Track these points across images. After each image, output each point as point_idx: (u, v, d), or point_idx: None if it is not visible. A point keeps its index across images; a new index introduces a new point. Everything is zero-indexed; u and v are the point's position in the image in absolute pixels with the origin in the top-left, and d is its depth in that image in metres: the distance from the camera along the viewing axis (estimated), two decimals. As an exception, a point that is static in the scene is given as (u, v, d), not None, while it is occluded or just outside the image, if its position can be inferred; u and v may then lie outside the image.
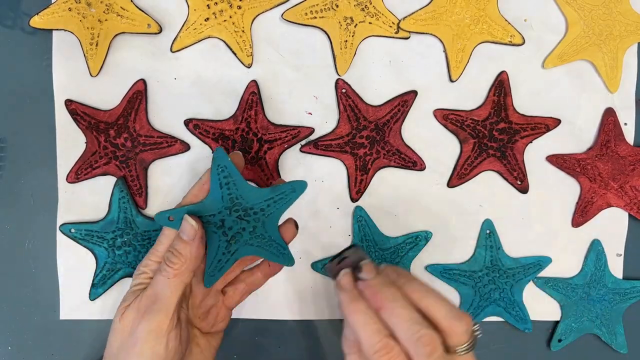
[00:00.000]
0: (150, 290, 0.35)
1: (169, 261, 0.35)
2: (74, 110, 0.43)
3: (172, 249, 0.36)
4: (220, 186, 0.35)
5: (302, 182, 0.37)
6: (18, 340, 0.45)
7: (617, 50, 0.46)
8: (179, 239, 0.35)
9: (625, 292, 0.48)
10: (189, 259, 0.35)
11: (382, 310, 0.32)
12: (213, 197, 0.36)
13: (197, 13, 0.43)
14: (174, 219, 0.36)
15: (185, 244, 0.35)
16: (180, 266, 0.35)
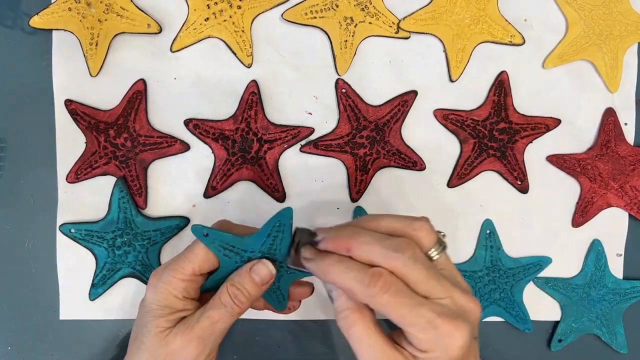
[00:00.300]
0: (207, 322, 0.34)
1: (237, 300, 0.35)
2: (73, 110, 0.43)
3: (240, 287, 0.35)
4: (268, 236, 0.35)
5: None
6: (18, 340, 0.45)
7: (618, 50, 0.46)
8: (250, 280, 0.35)
9: (625, 292, 0.48)
10: (252, 301, 0.35)
11: (351, 250, 0.31)
12: (256, 240, 0.35)
13: (197, 13, 0.43)
14: (209, 237, 0.35)
15: (256, 287, 0.35)
16: (245, 306, 0.35)
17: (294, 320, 0.47)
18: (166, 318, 0.35)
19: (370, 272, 0.30)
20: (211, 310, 0.35)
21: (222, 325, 0.35)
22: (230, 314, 0.35)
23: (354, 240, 0.32)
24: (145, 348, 0.35)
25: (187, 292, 0.35)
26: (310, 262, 0.33)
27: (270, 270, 0.35)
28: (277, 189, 0.45)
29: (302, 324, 0.47)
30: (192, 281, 0.35)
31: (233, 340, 0.46)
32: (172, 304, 0.35)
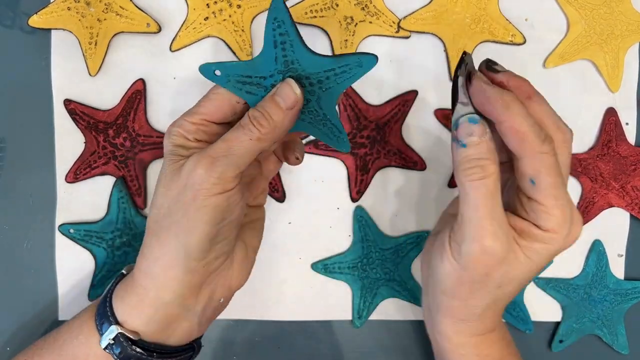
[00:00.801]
0: (223, 144, 0.30)
1: (256, 122, 0.30)
2: (72, 109, 0.43)
3: (262, 109, 0.31)
4: (275, 45, 0.30)
5: (372, 56, 0.30)
6: (17, 341, 0.45)
7: (619, 49, 0.46)
8: (273, 103, 0.31)
9: (626, 293, 0.47)
10: (279, 127, 0.31)
11: (532, 98, 0.31)
12: (265, 57, 0.30)
13: (197, 12, 0.43)
14: (220, 74, 0.31)
15: (280, 110, 0.31)
16: (268, 132, 0.30)
17: (294, 321, 0.47)
18: (179, 153, 0.32)
19: (546, 131, 0.30)
20: (228, 134, 0.31)
21: (239, 149, 0.30)
22: (249, 137, 0.30)
23: (536, 92, 0.31)
24: (159, 185, 0.32)
25: (199, 134, 0.32)
26: (490, 87, 0.30)
27: (294, 89, 0.31)
28: (276, 189, 0.45)
29: (302, 324, 0.47)
30: (203, 125, 0.32)
31: (233, 340, 0.46)
32: (185, 144, 0.32)
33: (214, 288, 0.34)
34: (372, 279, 0.46)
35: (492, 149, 0.30)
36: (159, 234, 0.32)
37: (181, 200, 0.31)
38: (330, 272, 0.46)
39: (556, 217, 0.30)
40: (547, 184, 0.29)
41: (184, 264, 0.31)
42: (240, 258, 0.36)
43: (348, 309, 0.47)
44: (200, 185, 0.30)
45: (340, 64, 0.31)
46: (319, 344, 0.47)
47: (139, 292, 0.33)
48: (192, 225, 0.31)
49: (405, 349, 0.47)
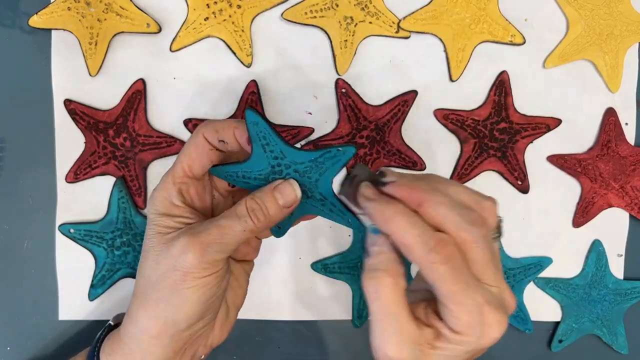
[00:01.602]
0: (216, 230, 0.32)
1: (254, 215, 0.32)
2: (73, 110, 0.43)
3: (261, 203, 0.32)
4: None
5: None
6: (17, 341, 0.45)
7: (618, 49, 0.46)
8: (274, 200, 0.32)
9: (626, 293, 0.48)
10: (271, 222, 0.32)
11: (424, 205, 0.29)
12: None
13: (197, 12, 0.43)
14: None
15: (278, 208, 0.32)
16: (262, 225, 0.32)
17: (293, 321, 0.47)
18: (166, 223, 0.33)
19: (437, 237, 0.28)
20: (222, 220, 0.32)
21: (231, 238, 0.32)
22: (242, 228, 0.32)
23: (429, 196, 0.29)
24: (148, 255, 0.33)
25: (183, 197, 0.34)
26: (371, 202, 0.30)
27: (296, 193, 0.32)
28: (276, 189, 0.45)
29: (302, 324, 0.47)
30: (185, 183, 0.33)
31: (233, 340, 0.46)
32: (170, 211, 0.33)
33: (196, 349, 0.36)
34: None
35: (392, 259, 0.30)
36: (146, 306, 0.33)
37: (169, 277, 0.32)
38: (330, 272, 0.46)
39: (462, 321, 0.28)
40: (444, 291, 0.28)
41: (170, 335, 0.33)
42: (222, 320, 0.37)
43: (348, 309, 0.47)
44: (190, 269, 0.31)
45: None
46: (319, 343, 0.47)
47: (125, 352, 0.34)
48: (181, 303, 0.32)
49: (405, 348, 0.47)
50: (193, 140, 0.34)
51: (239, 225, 0.32)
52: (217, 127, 0.33)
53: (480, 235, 0.29)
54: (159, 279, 0.32)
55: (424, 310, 0.30)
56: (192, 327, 0.33)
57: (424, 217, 0.29)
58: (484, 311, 0.28)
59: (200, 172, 0.34)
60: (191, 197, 0.34)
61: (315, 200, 0.34)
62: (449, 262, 0.28)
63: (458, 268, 0.28)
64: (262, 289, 0.46)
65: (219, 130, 0.33)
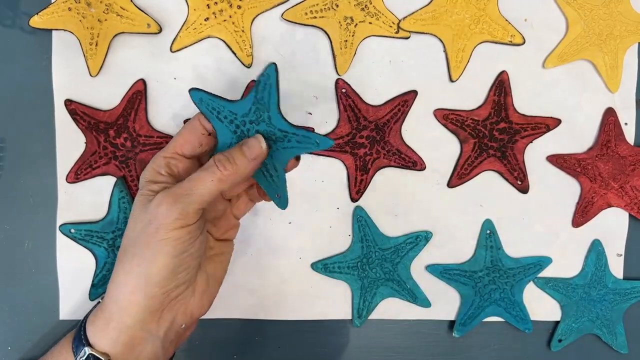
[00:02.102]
0: (187, 183, 0.34)
1: (220, 164, 0.34)
2: (73, 110, 0.43)
3: (228, 154, 0.34)
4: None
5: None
6: (18, 341, 0.45)
7: (618, 50, 0.46)
8: (240, 151, 0.35)
9: (625, 293, 0.48)
10: (240, 173, 0.34)
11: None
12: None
13: (197, 13, 0.43)
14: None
15: (244, 159, 0.34)
16: (229, 175, 0.34)
17: (293, 321, 0.47)
18: (151, 188, 0.35)
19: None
20: (193, 174, 0.34)
21: (201, 189, 0.34)
22: (211, 178, 0.34)
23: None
24: (131, 217, 0.36)
25: (170, 168, 0.36)
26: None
27: (261, 144, 0.35)
28: (277, 189, 0.45)
29: (301, 324, 0.47)
30: (174, 158, 0.36)
31: (233, 340, 0.46)
32: (155, 178, 0.36)
33: (174, 314, 0.36)
34: (372, 278, 0.46)
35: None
36: (124, 262, 0.35)
37: (145, 232, 0.34)
38: (330, 272, 0.46)
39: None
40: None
41: (144, 290, 0.34)
42: (202, 288, 0.38)
43: (348, 308, 0.47)
44: (163, 220, 0.33)
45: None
46: (319, 343, 0.47)
47: (105, 316, 0.35)
48: (154, 255, 0.34)
49: (405, 348, 0.48)
50: (189, 123, 0.37)
51: (207, 175, 0.34)
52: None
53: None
54: (137, 235, 0.34)
55: None
56: (165, 285, 0.34)
57: None
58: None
59: (189, 151, 0.36)
60: (178, 171, 0.36)
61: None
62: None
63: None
64: (263, 289, 0.46)
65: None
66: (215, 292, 0.40)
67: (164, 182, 0.36)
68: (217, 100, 0.35)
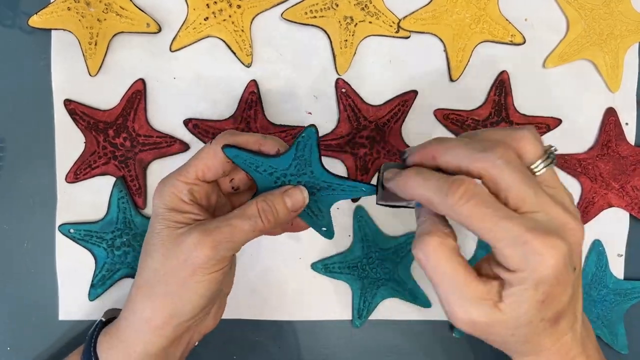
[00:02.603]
0: (227, 229, 0.32)
1: (264, 216, 0.33)
2: (72, 110, 0.43)
3: (272, 205, 0.33)
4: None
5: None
6: (17, 341, 0.45)
7: (618, 49, 0.46)
8: (282, 201, 0.33)
9: (626, 293, 0.47)
10: (280, 224, 0.34)
11: (437, 157, 0.29)
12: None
13: (197, 12, 0.43)
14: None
15: (286, 210, 0.33)
16: (270, 226, 0.33)
17: (294, 321, 0.47)
18: (176, 218, 0.33)
19: (451, 180, 0.27)
20: (234, 219, 0.33)
21: (241, 237, 0.32)
22: (252, 228, 0.32)
23: (440, 146, 0.29)
24: (156, 249, 0.33)
25: (193, 195, 0.34)
26: (390, 181, 0.32)
27: (304, 197, 0.34)
28: (276, 189, 0.45)
29: (302, 324, 0.47)
30: (197, 185, 0.34)
31: (233, 340, 0.46)
32: (179, 206, 0.34)
33: (192, 336, 0.37)
34: (372, 278, 0.46)
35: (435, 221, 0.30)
36: (152, 298, 0.34)
37: (180, 273, 0.32)
38: (330, 272, 0.46)
39: (511, 256, 0.27)
40: (479, 232, 0.27)
41: (173, 325, 0.34)
42: (216, 309, 0.38)
43: (348, 309, 0.47)
44: (201, 265, 0.32)
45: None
46: (319, 344, 0.47)
47: (126, 345, 0.35)
48: (189, 297, 0.33)
49: (405, 349, 0.47)
50: (212, 148, 0.34)
51: (249, 225, 0.33)
52: (240, 141, 0.34)
53: (497, 157, 0.27)
54: (168, 272, 0.33)
55: (487, 264, 0.29)
56: (194, 318, 0.34)
57: (442, 167, 0.29)
58: (526, 239, 0.26)
59: (212, 178, 0.34)
60: (200, 196, 0.35)
61: (325, 189, 0.35)
62: (469, 199, 0.27)
63: (484, 203, 0.27)
64: (263, 289, 0.46)
65: (242, 144, 0.34)
66: (224, 306, 0.40)
67: (190, 212, 0.34)
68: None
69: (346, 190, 0.35)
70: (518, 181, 0.27)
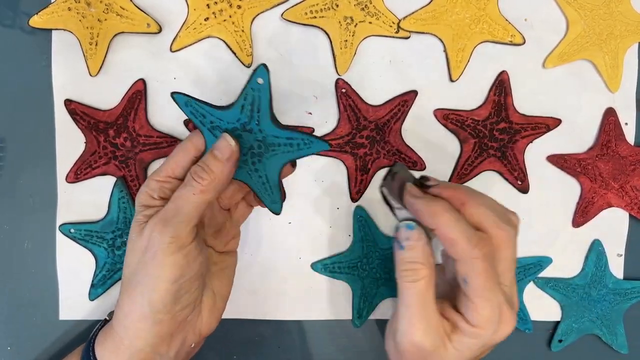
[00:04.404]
0: (172, 205, 0.34)
1: (197, 176, 0.33)
2: (73, 110, 0.43)
3: (202, 164, 0.34)
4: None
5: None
6: (17, 341, 0.45)
7: (618, 49, 0.46)
8: (212, 156, 0.34)
9: (625, 293, 0.48)
10: (219, 178, 0.34)
11: (466, 205, 0.32)
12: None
13: (197, 12, 0.43)
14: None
15: (219, 162, 0.34)
16: (209, 183, 0.33)
17: (294, 320, 0.47)
18: (144, 213, 0.35)
19: (479, 235, 0.31)
20: (176, 193, 0.34)
21: (186, 206, 0.33)
22: (192, 192, 0.33)
23: (471, 197, 0.32)
24: (129, 245, 0.35)
25: (163, 192, 0.35)
26: (417, 199, 0.33)
27: (229, 142, 0.34)
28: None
29: (302, 324, 0.47)
30: (168, 182, 0.35)
31: (233, 340, 0.46)
32: (150, 203, 0.35)
33: (184, 335, 0.37)
34: (372, 278, 0.46)
35: (427, 253, 0.33)
36: (128, 291, 0.35)
37: (143, 260, 0.34)
38: (330, 272, 0.46)
39: (483, 316, 0.31)
40: (476, 286, 0.31)
41: (151, 317, 0.34)
42: (209, 306, 0.38)
43: (348, 308, 0.47)
44: (158, 246, 0.33)
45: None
46: (319, 343, 0.47)
47: (115, 339, 0.36)
48: (154, 282, 0.34)
49: (405, 348, 0.48)
50: (182, 146, 0.36)
51: (188, 191, 0.34)
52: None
53: (513, 235, 0.32)
54: (136, 264, 0.34)
55: (441, 304, 0.33)
56: (170, 310, 0.34)
57: (465, 216, 0.32)
58: (503, 310, 0.31)
59: (182, 174, 0.36)
60: (171, 192, 0.36)
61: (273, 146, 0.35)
62: (487, 259, 0.31)
63: (492, 267, 0.31)
64: (262, 289, 0.46)
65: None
66: (223, 308, 0.40)
67: (158, 206, 0.35)
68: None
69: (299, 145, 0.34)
70: (512, 258, 0.32)
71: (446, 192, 0.33)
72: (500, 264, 0.32)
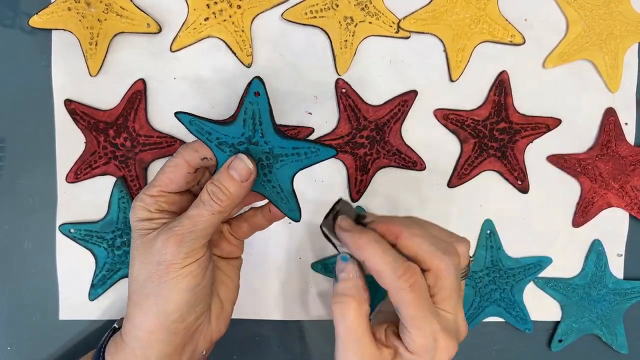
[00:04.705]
0: (187, 221, 0.33)
1: (215, 196, 0.33)
2: (73, 110, 0.43)
3: (219, 184, 0.33)
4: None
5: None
6: (17, 341, 0.45)
7: (618, 49, 0.46)
8: (229, 177, 0.33)
9: (625, 293, 0.48)
10: (236, 199, 0.34)
11: (400, 237, 0.32)
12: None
13: (197, 13, 0.43)
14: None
15: (235, 183, 0.33)
16: (227, 205, 0.33)
17: (294, 321, 0.47)
18: (147, 226, 0.35)
19: (406, 265, 0.31)
20: (191, 210, 0.34)
21: (203, 224, 0.33)
22: (210, 212, 0.33)
23: (406, 228, 0.32)
24: (135, 258, 0.35)
25: (160, 205, 0.35)
26: (346, 232, 0.33)
27: (247, 165, 0.33)
28: (277, 189, 0.45)
29: (302, 324, 0.47)
30: (161, 196, 0.35)
31: (233, 340, 0.46)
32: (148, 216, 0.35)
33: (196, 344, 0.37)
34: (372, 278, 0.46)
35: (358, 286, 0.33)
36: (140, 303, 0.35)
37: (156, 273, 0.34)
38: (330, 272, 0.46)
39: (417, 344, 0.31)
40: (407, 316, 0.31)
41: (166, 327, 0.34)
42: (217, 313, 0.38)
43: (348, 308, 0.47)
44: (172, 260, 0.33)
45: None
46: (319, 343, 0.47)
47: (127, 351, 0.35)
48: (170, 293, 0.34)
49: (405, 348, 0.48)
50: (173, 161, 0.35)
51: (206, 210, 0.33)
52: (196, 147, 0.35)
53: (452, 264, 0.32)
54: (147, 276, 0.34)
55: (385, 332, 0.33)
56: (186, 319, 0.34)
57: (401, 248, 0.32)
58: (438, 337, 0.31)
59: (175, 190, 0.36)
60: (168, 205, 0.36)
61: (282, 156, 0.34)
62: (414, 290, 0.31)
63: (422, 296, 0.31)
64: (263, 289, 0.46)
65: (198, 149, 0.35)
66: (230, 312, 0.40)
67: (159, 218, 0.35)
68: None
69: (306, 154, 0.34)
70: (455, 286, 0.32)
71: (380, 226, 0.33)
72: (440, 292, 0.32)
